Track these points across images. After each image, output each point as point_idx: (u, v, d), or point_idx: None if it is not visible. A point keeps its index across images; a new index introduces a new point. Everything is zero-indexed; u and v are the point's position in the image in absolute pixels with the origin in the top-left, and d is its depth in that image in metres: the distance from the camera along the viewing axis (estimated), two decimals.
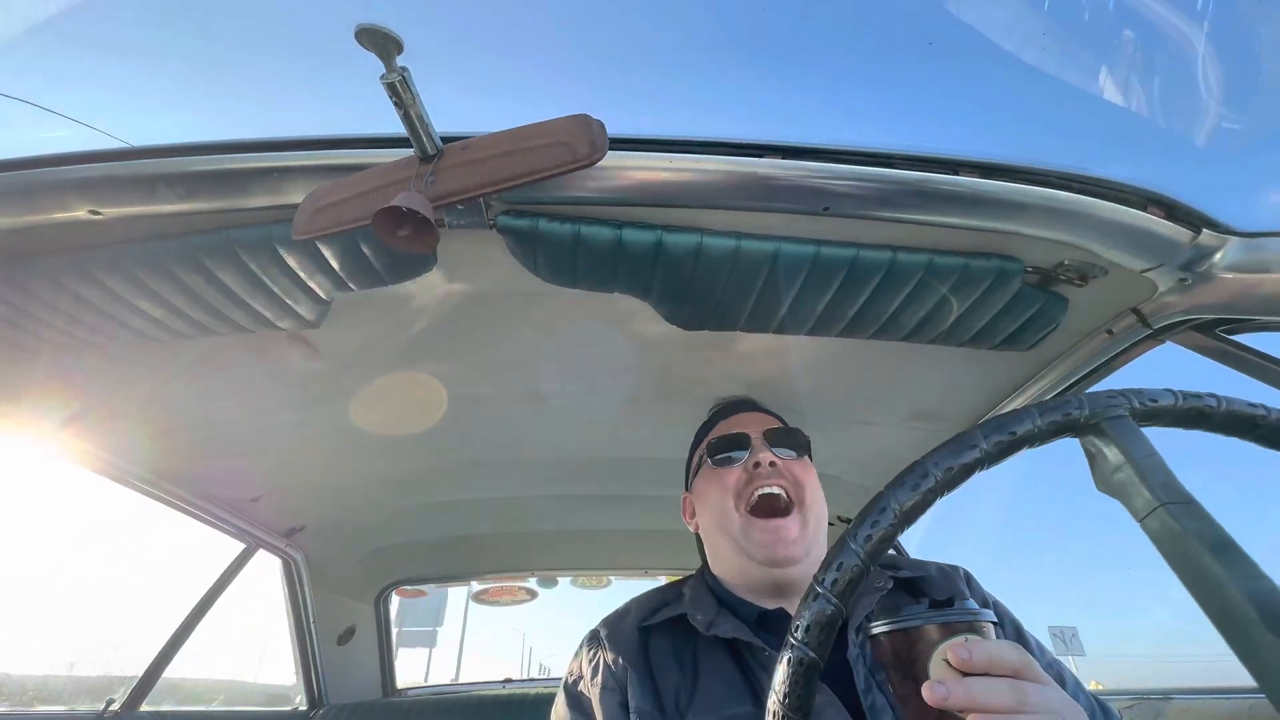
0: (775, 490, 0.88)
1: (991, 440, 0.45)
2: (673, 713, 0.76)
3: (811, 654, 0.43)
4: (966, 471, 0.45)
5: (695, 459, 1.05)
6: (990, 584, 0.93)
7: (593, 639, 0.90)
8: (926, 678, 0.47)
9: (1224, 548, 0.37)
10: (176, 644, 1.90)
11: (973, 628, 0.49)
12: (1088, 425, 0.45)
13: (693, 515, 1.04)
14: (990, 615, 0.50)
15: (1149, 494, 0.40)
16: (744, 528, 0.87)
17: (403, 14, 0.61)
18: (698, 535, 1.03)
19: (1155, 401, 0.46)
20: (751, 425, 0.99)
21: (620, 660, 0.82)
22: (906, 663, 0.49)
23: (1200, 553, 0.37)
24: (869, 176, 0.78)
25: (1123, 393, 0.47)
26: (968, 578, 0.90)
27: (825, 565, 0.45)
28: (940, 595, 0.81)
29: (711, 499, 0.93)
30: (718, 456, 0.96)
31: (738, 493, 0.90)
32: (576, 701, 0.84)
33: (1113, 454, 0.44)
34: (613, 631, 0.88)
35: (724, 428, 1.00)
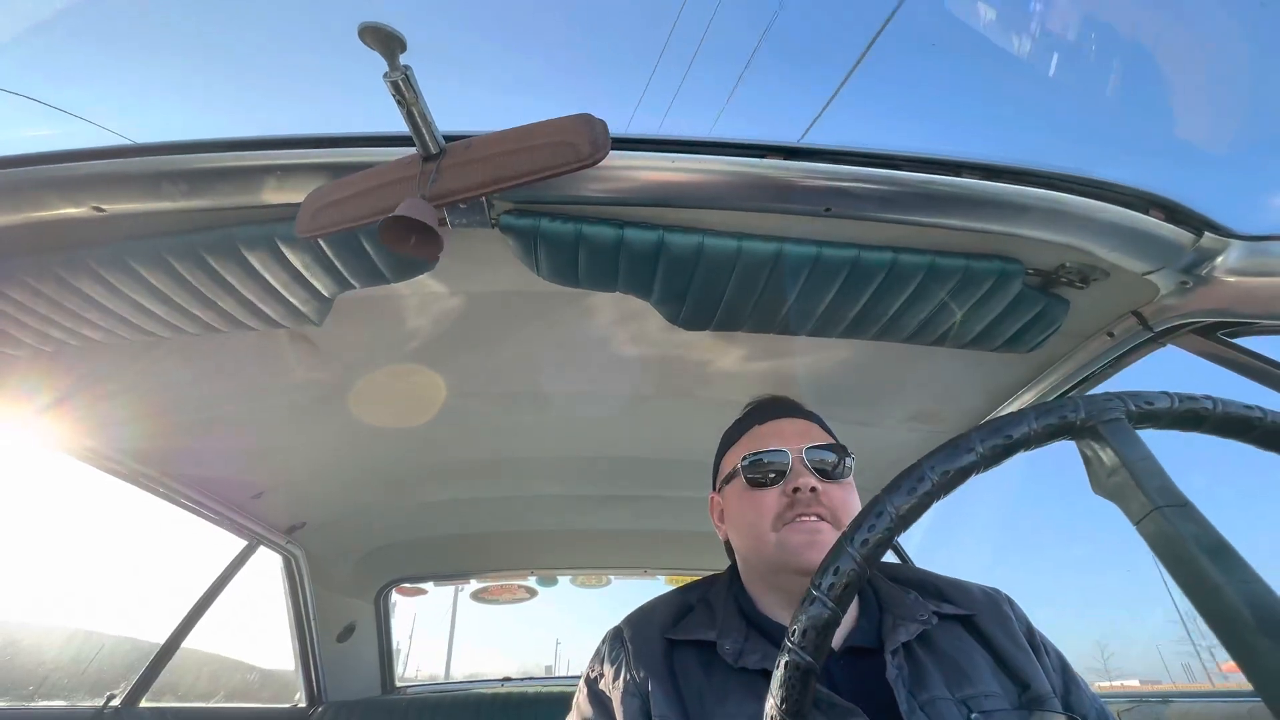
0: (813, 519, 0.85)
1: (987, 444, 0.45)
2: (698, 717, 0.75)
3: (808, 659, 0.43)
4: (963, 475, 0.45)
5: (727, 467, 0.98)
6: (988, 582, 0.93)
7: (616, 639, 0.88)
8: None
9: (1219, 552, 0.36)
10: (177, 640, 1.91)
11: None
12: (1084, 428, 0.45)
13: (721, 520, 1.00)
14: None
15: (1145, 497, 0.40)
16: (779, 542, 0.85)
17: (406, 13, 0.61)
18: (727, 541, 1.01)
19: (1151, 404, 0.45)
20: (792, 438, 0.92)
21: (642, 669, 0.81)
22: None
23: (1196, 556, 0.37)
24: (871, 177, 0.78)
25: (1119, 395, 0.46)
26: (1010, 603, 0.88)
27: (822, 569, 0.45)
28: (992, 630, 0.80)
29: (745, 520, 0.90)
30: (753, 477, 0.90)
31: (775, 516, 0.87)
32: (598, 700, 0.84)
33: (1108, 457, 0.44)
34: (636, 634, 0.86)
35: (761, 441, 0.93)
